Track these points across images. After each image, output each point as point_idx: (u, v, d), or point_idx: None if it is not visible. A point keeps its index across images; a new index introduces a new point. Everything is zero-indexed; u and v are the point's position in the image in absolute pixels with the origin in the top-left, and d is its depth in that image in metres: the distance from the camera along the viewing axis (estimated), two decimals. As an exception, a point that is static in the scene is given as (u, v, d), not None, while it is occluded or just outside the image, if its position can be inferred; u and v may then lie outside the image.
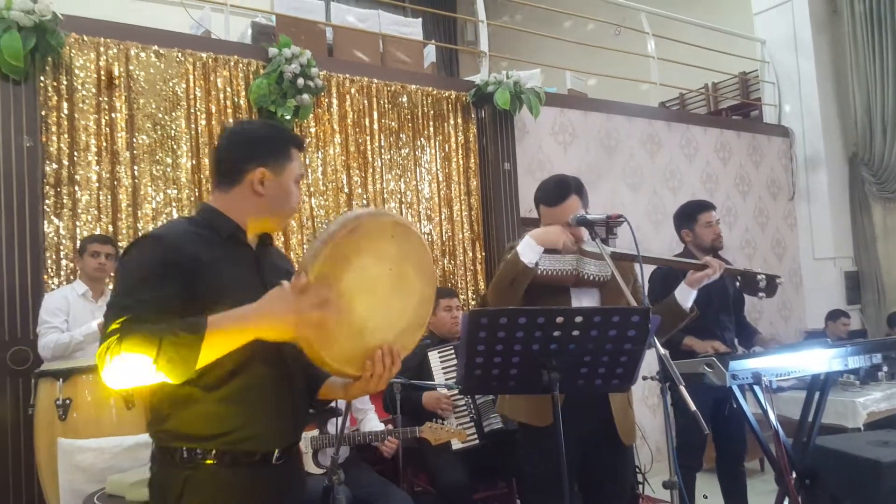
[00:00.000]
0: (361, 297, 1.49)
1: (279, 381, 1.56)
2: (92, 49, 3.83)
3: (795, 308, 6.51)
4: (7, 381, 3.40)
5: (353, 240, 1.45)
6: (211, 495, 1.48)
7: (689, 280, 2.45)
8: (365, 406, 3.39)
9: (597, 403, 2.29)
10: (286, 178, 1.61)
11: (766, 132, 6.76)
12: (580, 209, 2.36)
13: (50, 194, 3.67)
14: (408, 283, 1.58)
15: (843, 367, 2.63)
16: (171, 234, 1.53)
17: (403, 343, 1.60)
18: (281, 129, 1.74)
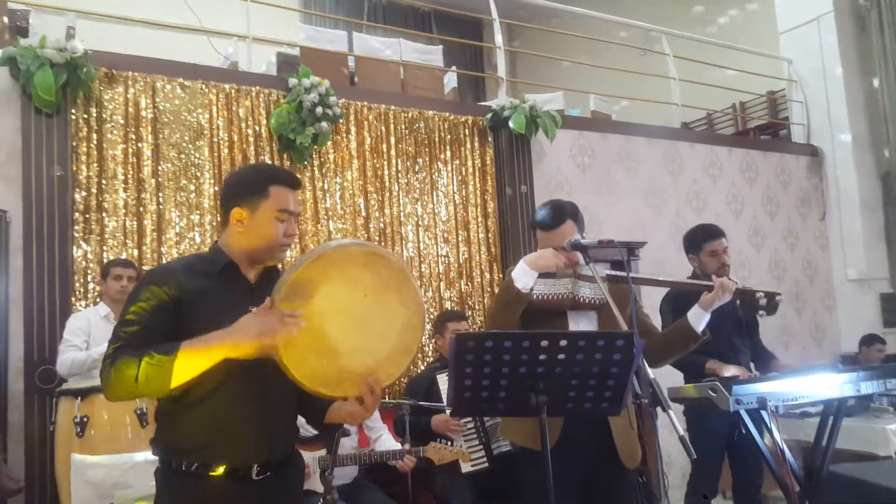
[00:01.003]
0: (334, 321, 1.57)
1: (255, 403, 1.68)
2: (120, 83, 4.01)
3: (829, 331, 6.34)
4: (35, 398, 3.55)
5: (320, 268, 1.56)
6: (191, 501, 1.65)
7: (701, 302, 2.42)
8: (377, 426, 3.43)
9: (597, 426, 2.28)
10: (261, 215, 1.74)
11: (794, 151, 6.65)
12: (575, 234, 2.37)
13: (79, 220, 3.83)
14: (388, 309, 1.64)
15: (854, 393, 2.57)
16: (164, 271, 1.76)
17: (387, 369, 1.67)
18: (261, 170, 1.89)
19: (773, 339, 6.08)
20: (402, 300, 1.66)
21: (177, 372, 1.53)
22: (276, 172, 1.83)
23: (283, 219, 1.75)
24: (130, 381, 1.53)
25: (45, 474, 3.48)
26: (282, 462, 1.76)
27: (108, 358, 1.59)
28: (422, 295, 1.71)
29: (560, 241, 2.34)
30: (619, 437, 2.31)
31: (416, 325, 1.70)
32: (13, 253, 3.66)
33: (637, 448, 2.39)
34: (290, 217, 1.76)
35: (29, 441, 3.50)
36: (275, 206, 1.73)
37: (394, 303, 1.65)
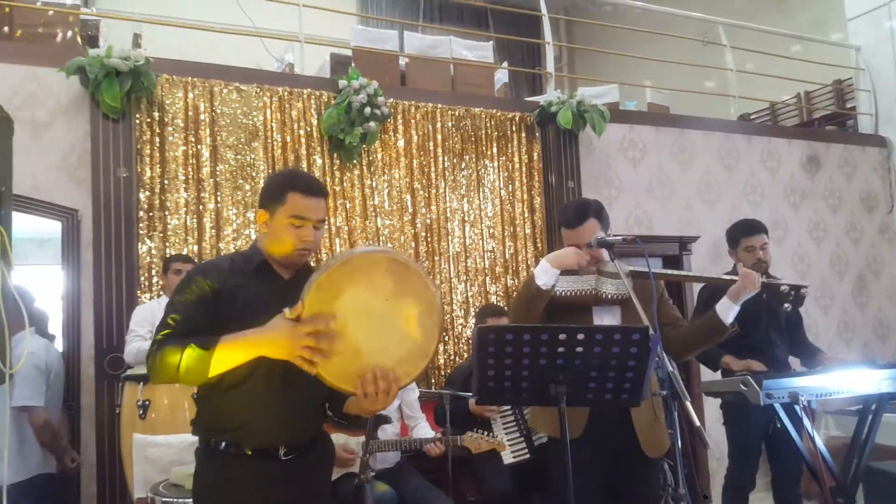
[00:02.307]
0: (355, 322, 1.67)
1: (282, 391, 1.82)
2: (180, 88, 4.23)
3: (894, 327, 6.08)
4: (104, 384, 3.80)
5: (346, 271, 1.66)
6: (225, 476, 1.83)
7: (729, 294, 2.41)
8: (416, 415, 3.54)
9: (620, 417, 2.32)
10: (277, 219, 1.85)
11: (860, 142, 6.39)
12: (599, 231, 2.41)
13: (143, 219, 4.06)
14: (407, 313, 1.72)
15: (893, 389, 2.51)
16: (209, 266, 1.91)
17: (405, 369, 1.74)
18: (284, 176, 1.96)
19: (835, 336, 5.89)
20: (421, 306, 1.73)
21: (214, 364, 1.69)
22: (295, 179, 1.90)
23: (298, 224, 1.82)
24: (173, 369, 1.69)
25: (113, 453, 3.72)
26: (307, 444, 1.89)
27: (155, 344, 1.75)
28: (441, 301, 1.77)
29: (583, 239, 2.39)
30: (642, 427, 2.35)
31: (433, 330, 1.76)
32: (84, 249, 3.92)
33: (662, 438, 2.41)
34: (304, 223, 1.83)
35: (99, 423, 3.76)
36: (289, 212, 1.82)
37: (413, 308, 1.73)
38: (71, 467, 3.50)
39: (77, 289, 3.92)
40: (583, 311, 2.43)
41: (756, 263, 3.33)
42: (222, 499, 1.82)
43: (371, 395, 1.68)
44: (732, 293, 2.40)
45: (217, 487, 1.83)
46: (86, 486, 3.76)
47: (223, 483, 1.82)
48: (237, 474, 1.81)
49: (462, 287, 4.78)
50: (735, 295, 2.40)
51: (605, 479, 2.37)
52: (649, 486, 2.49)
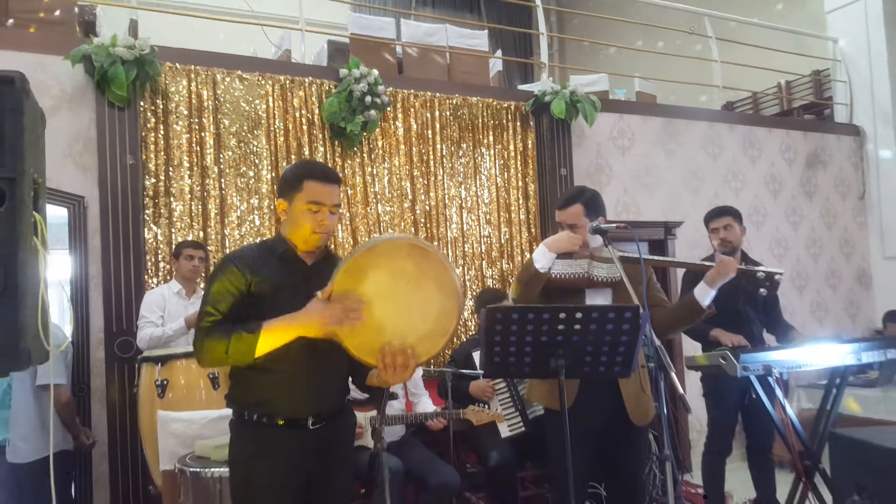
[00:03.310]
0: (379, 303, 1.85)
1: (310, 367, 2.00)
2: (184, 76, 4.34)
3: (864, 307, 6.40)
4: (115, 366, 3.95)
5: (371, 257, 1.84)
6: (258, 444, 2.00)
7: (706, 279, 2.61)
8: (419, 391, 3.76)
9: (608, 388, 2.54)
10: (295, 206, 2.01)
11: (835, 131, 6.66)
12: (583, 216, 2.62)
13: (149, 205, 4.19)
14: (427, 294, 1.89)
15: (856, 362, 2.75)
16: (236, 257, 2.03)
17: (426, 347, 1.92)
18: (300, 166, 2.14)
19: (809, 314, 6.19)
20: (440, 287, 1.89)
21: (260, 347, 1.87)
22: (310, 168, 2.08)
23: (315, 209, 1.99)
24: (221, 353, 1.88)
25: (125, 431, 3.89)
26: (333, 415, 2.09)
27: (202, 332, 1.92)
28: (459, 283, 1.95)
29: (568, 220, 2.63)
30: (629, 397, 2.57)
31: (451, 310, 1.91)
32: (91, 235, 4.03)
33: (648, 408, 2.64)
34: (321, 208, 2.00)
35: (110, 403, 3.91)
36: (306, 198, 1.99)
37: (432, 289, 1.89)
38: (88, 444, 3.65)
39: (85, 273, 4.02)
40: (576, 293, 2.63)
41: (721, 243, 3.68)
42: (256, 465, 1.99)
43: (390, 366, 1.86)
44: (709, 278, 2.60)
45: (251, 455, 2.00)
46: (97, 465, 3.91)
47: (256, 451, 2.00)
48: (270, 442, 1.99)
49: (460, 271, 4.98)
50: (711, 280, 2.59)
51: (596, 446, 2.59)
52: (636, 452, 2.71)
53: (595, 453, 2.60)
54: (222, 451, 2.57)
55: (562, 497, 2.26)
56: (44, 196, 2.01)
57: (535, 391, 2.75)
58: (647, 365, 2.29)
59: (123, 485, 3.88)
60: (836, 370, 2.99)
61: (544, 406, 2.69)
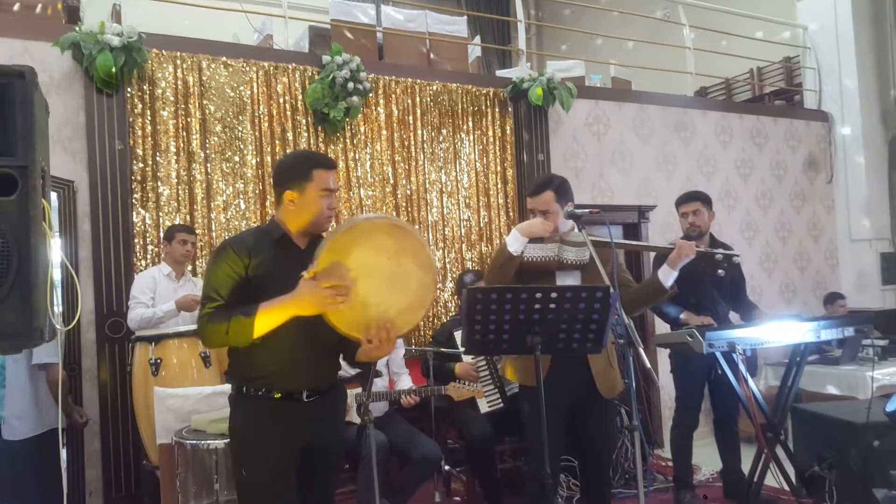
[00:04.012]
0: (362, 279, 1.98)
1: (304, 344, 2.13)
2: (170, 62, 4.40)
3: (831, 287, 6.64)
4: (105, 346, 4.05)
5: (351, 235, 1.97)
6: (256, 417, 2.14)
7: (668, 261, 2.79)
8: (400, 370, 3.93)
9: (578, 364, 2.71)
10: (308, 195, 2.14)
11: (804, 117, 6.88)
12: (554, 203, 2.78)
13: (137, 190, 4.26)
14: (406, 270, 2.04)
15: (815, 339, 2.96)
16: (235, 243, 2.16)
17: (406, 319, 2.07)
18: (305, 157, 2.28)
19: (777, 295, 6.44)
20: (418, 263, 2.04)
21: (257, 328, 2.00)
22: (317, 157, 2.24)
23: (326, 196, 2.15)
24: (222, 335, 2.01)
25: (116, 409, 4.00)
26: (326, 389, 2.23)
27: (205, 317, 2.05)
28: (435, 259, 2.10)
29: (539, 207, 2.79)
30: (598, 372, 2.74)
31: (429, 284, 2.08)
32: (81, 218, 4.10)
33: (616, 382, 2.82)
34: (330, 193, 2.17)
35: (102, 383, 4.02)
36: (318, 187, 2.14)
37: (411, 265, 2.03)
38: (80, 423, 3.75)
39: (75, 256, 4.09)
40: (547, 275, 2.80)
41: (690, 227, 3.87)
42: (255, 436, 2.14)
43: (376, 342, 2.01)
44: (671, 261, 2.78)
45: (250, 427, 2.15)
46: (89, 443, 4.02)
47: (255, 423, 2.14)
48: (267, 415, 2.14)
49: (440, 254, 5.13)
50: (672, 262, 2.77)
51: (567, 419, 2.76)
52: (606, 424, 2.88)
53: (567, 426, 2.77)
54: (217, 424, 2.72)
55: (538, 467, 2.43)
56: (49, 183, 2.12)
57: (512, 369, 2.91)
58: (617, 342, 2.46)
59: (115, 461, 4.00)
60: (797, 347, 3.20)
61: (519, 382, 2.85)
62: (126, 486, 3.99)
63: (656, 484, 4.33)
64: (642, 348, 2.20)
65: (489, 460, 3.81)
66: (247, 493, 2.16)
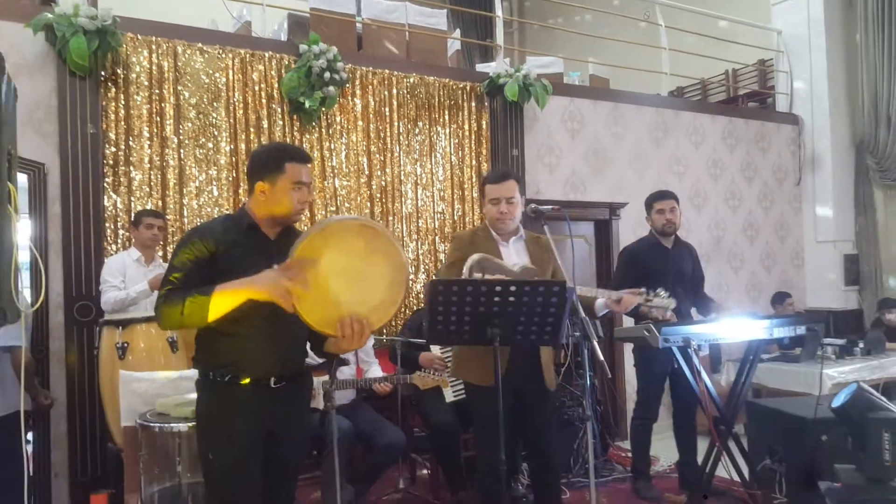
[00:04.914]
0: (334, 278, 2.03)
1: (272, 331, 2.17)
2: (145, 47, 4.39)
3: (796, 287, 6.83)
4: (73, 329, 4.05)
5: (324, 237, 2.02)
6: (223, 402, 2.18)
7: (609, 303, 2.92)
8: (370, 359, 3.99)
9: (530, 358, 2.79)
10: (279, 187, 2.17)
11: (775, 120, 7.02)
12: (516, 192, 2.87)
13: (109, 174, 4.25)
14: (378, 269, 2.09)
15: (768, 336, 3.06)
16: (201, 231, 2.19)
17: (378, 316, 2.13)
18: (279, 149, 2.32)
19: (743, 293, 6.59)
20: (389, 262, 2.09)
21: (212, 309, 2.01)
22: (291, 150, 2.27)
23: (297, 189, 2.18)
24: (177, 315, 2.02)
25: (83, 392, 4.00)
26: (293, 376, 2.28)
27: (161, 297, 2.07)
28: (406, 258, 2.16)
29: (506, 194, 2.86)
30: (545, 365, 2.83)
31: (400, 282, 2.13)
32: (51, 201, 4.08)
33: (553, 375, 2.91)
34: (303, 186, 2.20)
35: (69, 366, 4.02)
36: (290, 179, 2.17)
37: (383, 264, 2.09)
38: (45, 405, 3.75)
39: (45, 239, 4.07)
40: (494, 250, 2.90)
41: (666, 223, 3.97)
42: (221, 420, 2.17)
43: (348, 336, 2.05)
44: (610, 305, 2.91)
45: (217, 412, 2.18)
46: (56, 425, 4.02)
47: (222, 408, 2.17)
48: (234, 401, 2.17)
49: (413, 245, 5.18)
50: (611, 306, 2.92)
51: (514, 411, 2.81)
52: (550, 413, 2.95)
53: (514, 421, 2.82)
54: (181, 408, 2.76)
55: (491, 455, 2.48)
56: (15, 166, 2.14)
57: (464, 369, 2.94)
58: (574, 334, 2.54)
59: (81, 443, 4.01)
60: (752, 344, 3.31)
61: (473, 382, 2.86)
62: (91, 469, 4.01)
63: (615, 474, 4.45)
64: (596, 340, 2.27)
65: (453, 448, 3.88)
66: (213, 476, 2.20)
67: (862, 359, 4.97)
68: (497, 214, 2.89)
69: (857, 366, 4.78)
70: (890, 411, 2.61)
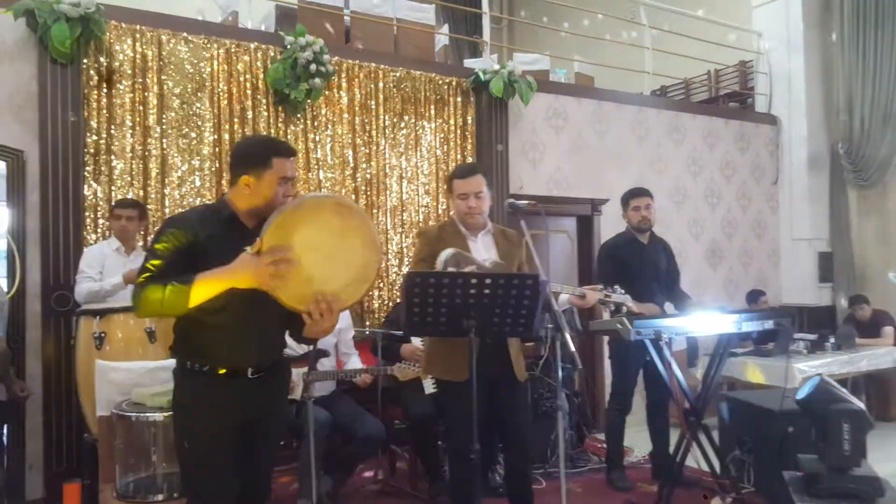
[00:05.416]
0: (308, 255, 2.04)
1: (250, 321, 2.18)
2: (129, 35, 4.36)
3: (772, 284, 6.97)
4: (51, 319, 4.02)
5: (298, 213, 2.03)
6: (200, 392, 2.18)
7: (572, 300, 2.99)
8: (350, 351, 4.02)
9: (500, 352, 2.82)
10: (265, 181, 2.16)
11: (754, 120, 7.13)
12: (484, 187, 2.90)
13: (90, 162, 4.22)
14: (351, 247, 2.11)
15: (737, 330, 3.14)
16: (178, 222, 2.17)
17: (349, 293, 2.14)
18: (265, 143, 2.31)
19: (721, 289, 6.70)
20: (362, 241, 2.11)
21: (193, 297, 2.01)
22: (278, 145, 2.26)
23: (282, 183, 2.19)
24: (157, 303, 2.01)
25: (60, 382, 3.98)
26: (271, 366, 2.29)
27: (139, 286, 2.05)
28: (378, 237, 2.17)
29: (474, 188, 2.88)
30: (515, 357, 2.86)
31: (373, 262, 2.15)
32: (30, 189, 4.05)
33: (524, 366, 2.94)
34: (287, 181, 2.21)
35: (46, 357, 4.00)
36: (277, 175, 2.17)
37: (355, 242, 2.10)
38: (21, 396, 3.72)
39: (23, 228, 4.05)
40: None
41: (642, 220, 4.06)
42: (198, 410, 2.18)
43: (315, 315, 2.06)
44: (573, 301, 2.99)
45: (194, 401, 2.19)
46: (32, 416, 4.00)
47: (199, 398, 2.18)
48: (211, 390, 2.17)
49: (398, 238, 5.21)
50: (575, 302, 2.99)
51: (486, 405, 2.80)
52: (522, 403, 2.99)
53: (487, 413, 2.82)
54: (158, 398, 2.77)
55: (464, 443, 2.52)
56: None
57: (435, 366, 2.94)
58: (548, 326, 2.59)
59: (57, 434, 3.99)
60: (722, 338, 3.39)
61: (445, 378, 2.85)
62: (67, 459, 3.98)
63: (590, 465, 4.52)
64: (567, 332, 2.32)
65: (431, 439, 3.93)
66: (188, 465, 2.21)
67: (832, 353, 5.09)
68: (466, 209, 2.90)
69: (827, 360, 4.89)
70: (850, 403, 2.70)
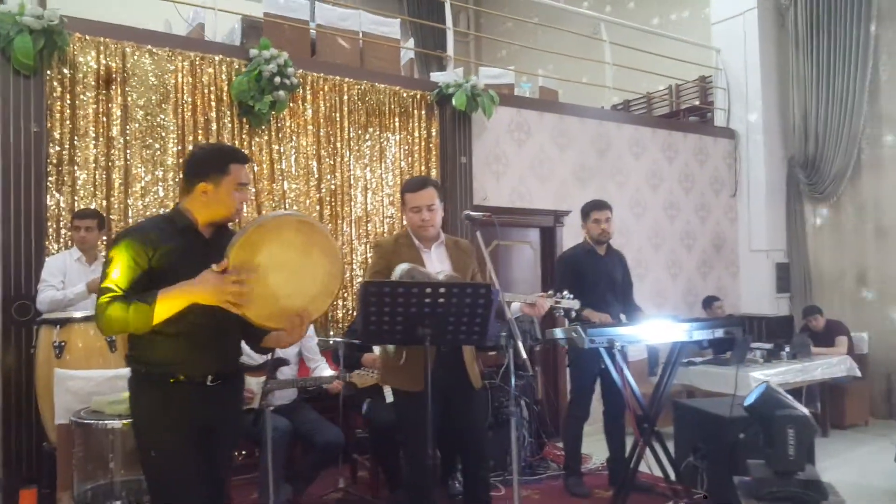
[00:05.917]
0: (273, 273, 2.11)
1: (209, 330, 2.20)
2: (93, 48, 4.38)
3: (731, 294, 7.16)
4: (12, 329, 3.99)
5: (262, 232, 2.09)
6: (160, 401, 2.19)
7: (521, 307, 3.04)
8: (316, 358, 4.06)
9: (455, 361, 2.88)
10: (223, 189, 2.20)
11: (713, 134, 7.35)
12: (436, 200, 2.96)
13: (52, 173, 4.23)
14: (314, 262, 2.18)
15: (688, 339, 3.25)
16: (134, 234, 2.18)
17: (316, 306, 2.22)
18: (222, 151, 2.36)
19: (680, 299, 6.86)
20: (325, 255, 2.18)
21: (156, 315, 2.05)
22: (234, 152, 2.31)
23: (240, 190, 2.24)
24: (122, 322, 2.05)
25: (21, 393, 3.94)
26: (229, 374, 2.32)
27: (102, 306, 2.07)
28: (341, 252, 2.26)
29: (425, 201, 2.93)
30: (469, 363, 2.93)
31: (336, 274, 2.23)
32: (-8, 200, 4.05)
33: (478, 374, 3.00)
34: (244, 188, 2.26)
35: (6, 365, 3.96)
36: (234, 181, 2.21)
37: (319, 257, 2.17)
38: None
39: (-17, 238, 4.02)
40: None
41: (602, 233, 4.17)
42: (157, 417, 2.19)
43: (288, 328, 2.14)
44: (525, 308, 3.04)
45: (153, 409, 2.19)
46: (-9, 428, 3.96)
47: (158, 406, 2.19)
48: (170, 398, 2.18)
49: (362, 248, 5.26)
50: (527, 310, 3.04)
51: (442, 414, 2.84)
52: (478, 410, 3.06)
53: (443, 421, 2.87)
54: (116, 406, 2.79)
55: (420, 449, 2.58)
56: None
57: (391, 377, 2.99)
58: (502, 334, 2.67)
59: (17, 445, 3.95)
60: (674, 346, 3.51)
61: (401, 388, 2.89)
62: (26, 469, 3.95)
63: (549, 472, 4.60)
64: (519, 341, 2.40)
65: (392, 448, 3.97)
66: (158, 475, 2.21)
67: (787, 362, 5.25)
68: (419, 222, 2.95)
69: (782, 369, 5.04)
70: (794, 409, 2.82)
